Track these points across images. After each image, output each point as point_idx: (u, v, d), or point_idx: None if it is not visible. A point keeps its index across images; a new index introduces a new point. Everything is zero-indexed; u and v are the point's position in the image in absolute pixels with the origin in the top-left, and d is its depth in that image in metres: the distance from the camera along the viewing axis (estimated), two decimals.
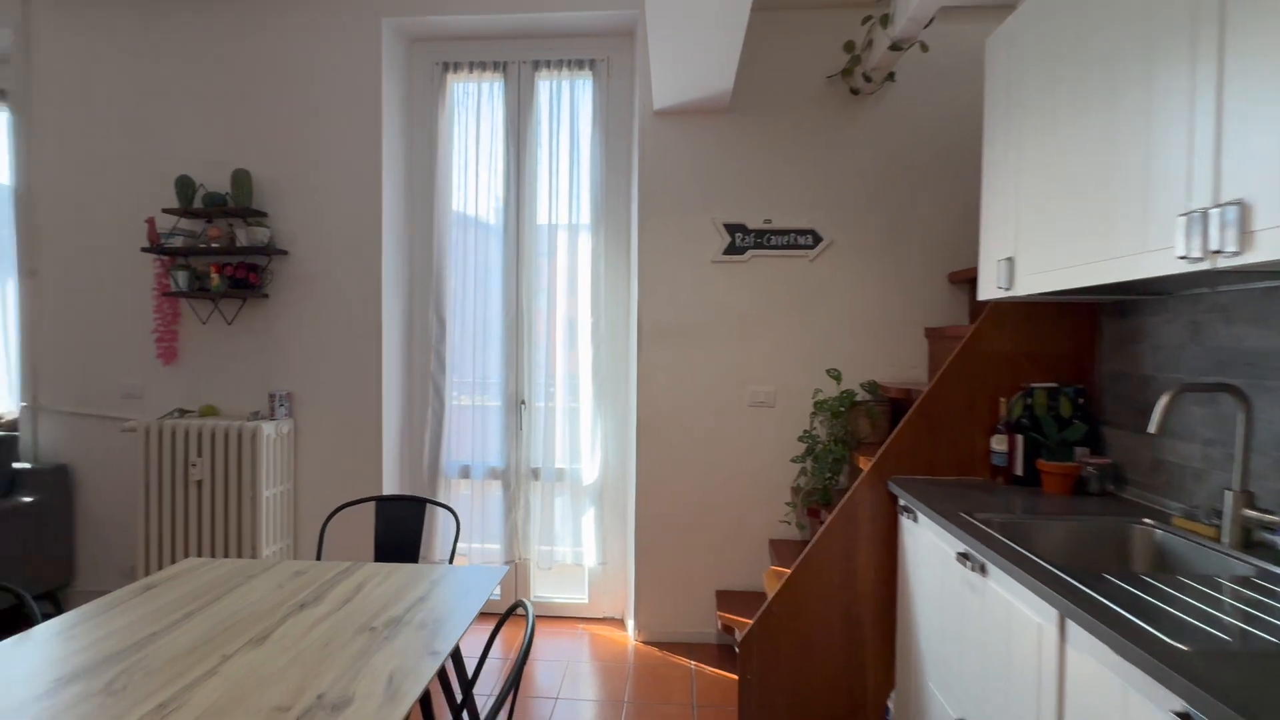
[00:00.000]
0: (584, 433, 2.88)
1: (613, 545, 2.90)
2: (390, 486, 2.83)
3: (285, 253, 2.74)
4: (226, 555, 2.61)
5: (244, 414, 2.79)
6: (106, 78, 2.80)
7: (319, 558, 1.90)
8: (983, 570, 1.36)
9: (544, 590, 3.00)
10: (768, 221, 2.60)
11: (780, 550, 2.48)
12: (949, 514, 1.53)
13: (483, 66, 2.86)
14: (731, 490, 2.63)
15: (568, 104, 2.86)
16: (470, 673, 1.49)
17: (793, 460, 2.52)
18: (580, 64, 2.83)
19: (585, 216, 2.87)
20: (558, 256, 2.88)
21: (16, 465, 2.81)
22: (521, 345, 2.88)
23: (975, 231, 2.38)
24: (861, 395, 2.51)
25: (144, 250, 2.67)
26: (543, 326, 2.90)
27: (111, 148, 2.81)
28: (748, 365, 2.62)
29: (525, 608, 1.26)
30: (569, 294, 2.89)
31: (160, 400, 2.84)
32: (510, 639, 2.74)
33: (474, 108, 2.89)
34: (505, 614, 1.39)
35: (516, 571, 2.95)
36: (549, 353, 2.90)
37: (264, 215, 2.73)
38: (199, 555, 2.63)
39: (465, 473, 2.94)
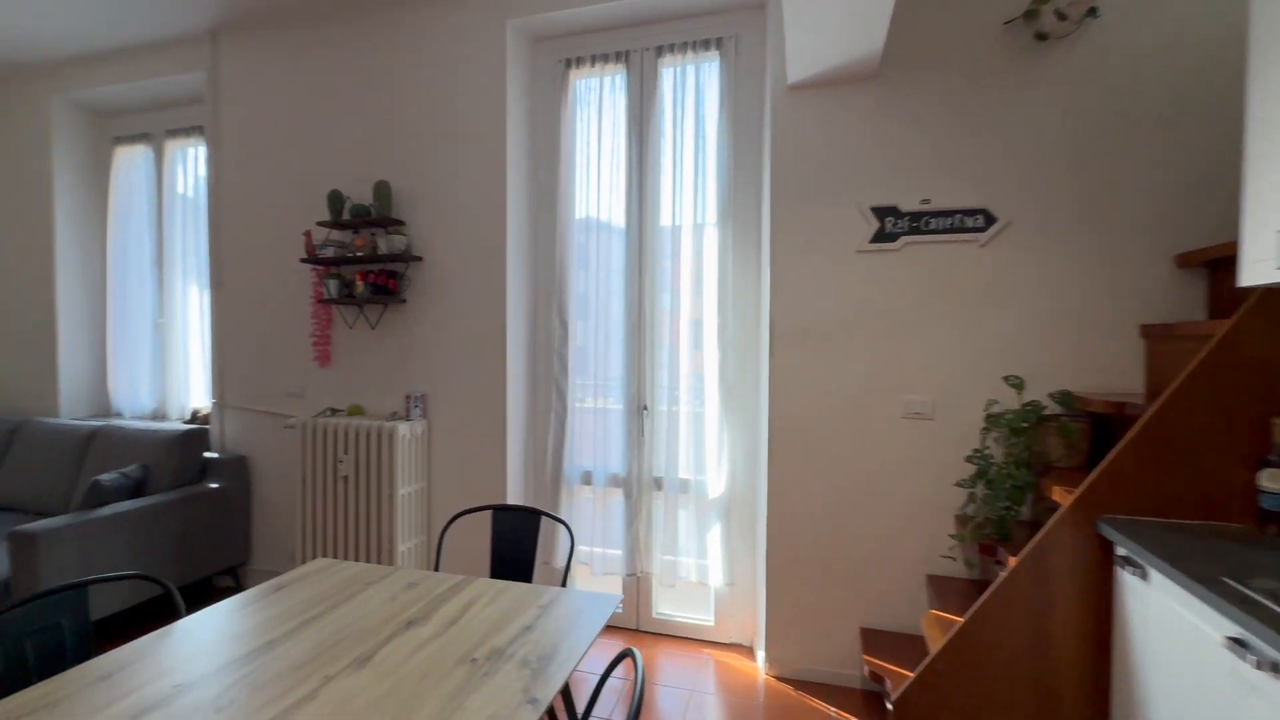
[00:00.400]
0: (709, 442, 2.67)
1: (741, 565, 2.66)
2: (514, 490, 2.82)
3: (420, 259, 2.83)
4: (367, 549, 2.75)
5: (385, 414, 2.93)
6: (273, 107, 3.08)
7: (437, 565, 1.88)
8: (1275, 670, 0.96)
9: (667, 607, 2.83)
10: (925, 202, 2.21)
11: (942, 589, 2.09)
12: (1206, 578, 1.12)
13: (605, 59, 2.76)
14: (879, 514, 2.28)
15: (692, 89, 2.67)
16: (581, 708, 1.35)
17: (958, 484, 2.11)
18: (706, 44, 2.63)
19: (711, 210, 2.66)
20: (682, 253, 2.70)
21: (207, 455, 3.19)
22: (644, 348, 2.74)
23: (1215, 200, 1.84)
24: (1051, 408, 2.04)
25: (302, 261, 2.89)
26: (666, 328, 2.73)
27: (278, 169, 3.09)
28: (901, 371, 2.25)
29: (635, 661, 1.08)
30: (694, 293, 2.70)
31: (318, 399, 3.07)
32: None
33: (595, 103, 2.80)
34: (613, 663, 1.22)
35: (638, 586, 2.81)
36: (672, 356, 2.72)
37: (402, 224, 2.84)
38: (345, 546, 2.78)
39: (587, 479, 2.85)
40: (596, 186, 2.80)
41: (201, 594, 3.15)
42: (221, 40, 3.17)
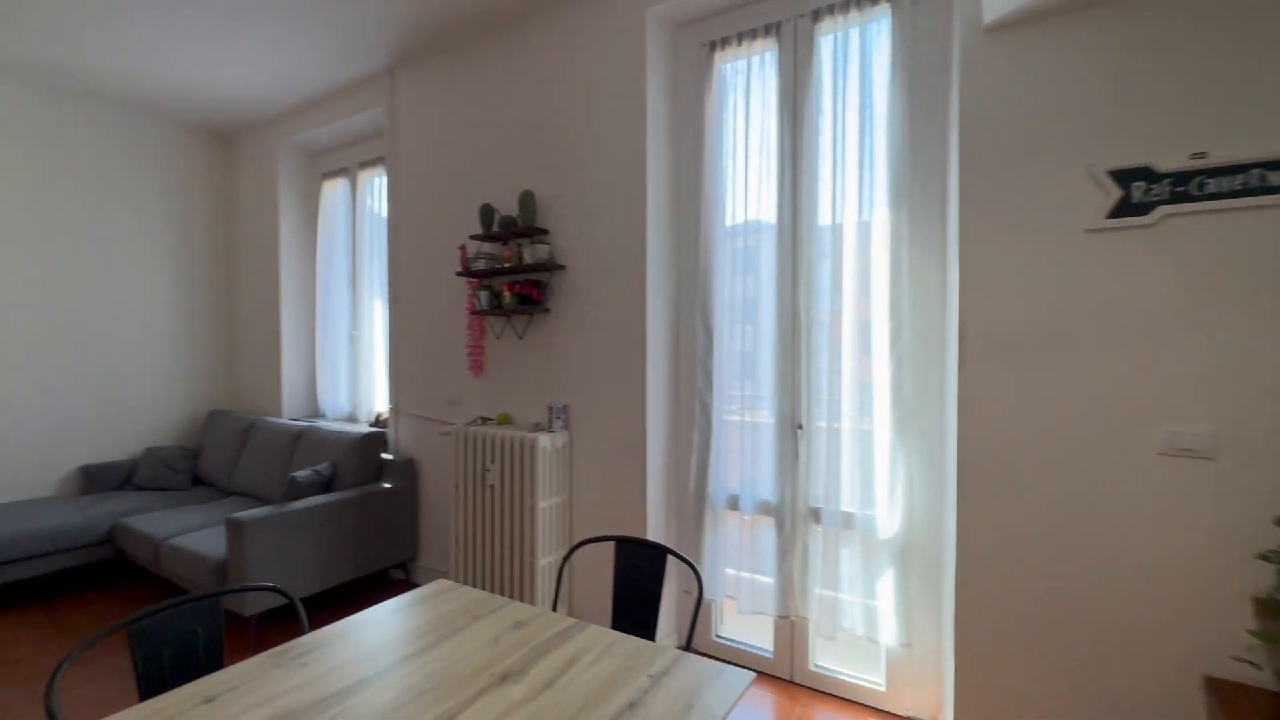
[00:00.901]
0: (879, 469, 2.23)
1: (921, 624, 2.18)
2: (654, 511, 2.63)
3: (563, 267, 2.78)
4: (510, 561, 2.74)
5: (530, 424, 2.92)
6: (435, 132, 3.26)
7: (556, 593, 1.73)
8: None
9: (827, 660, 2.43)
10: (1199, 156, 1.59)
11: (1233, 703, 1.47)
12: None
13: (752, 35, 2.47)
14: (1125, 584, 1.68)
15: (856, 56, 2.27)
16: None
17: (1262, 557, 1.47)
18: None
19: (881, 194, 2.23)
20: (844, 247, 2.30)
21: (384, 456, 3.46)
22: (799, 357, 2.39)
23: None
24: None
25: (457, 274, 2.99)
26: (826, 334, 2.35)
27: (440, 189, 3.26)
28: (1158, 391, 1.64)
29: None
30: (859, 293, 2.28)
31: (472, 407, 3.17)
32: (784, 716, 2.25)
33: (742, 87, 2.51)
34: None
35: (792, 630, 2.45)
36: (834, 365, 2.33)
37: (545, 232, 2.81)
38: (491, 555, 2.81)
39: (733, 503, 2.56)
40: (744, 180, 2.51)
41: (378, 584, 3.42)
42: (397, 75, 3.44)
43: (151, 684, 1.21)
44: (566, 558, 1.76)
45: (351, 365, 4.09)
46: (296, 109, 4.00)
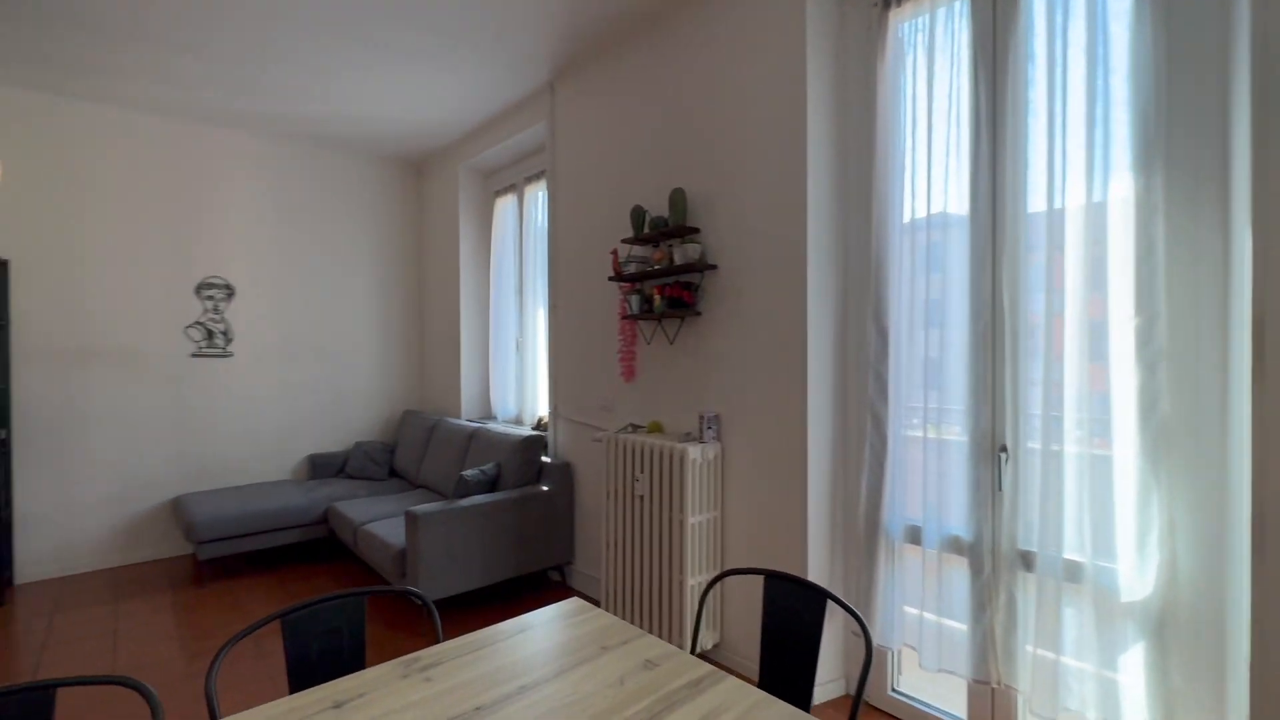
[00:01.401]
0: (1123, 509, 1.71)
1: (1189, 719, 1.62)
2: (816, 538, 2.32)
3: (714, 267, 2.60)
4: (658, 576, 2.61)
5: (681, 433, 2.77)
6: (590, 139, 3.28)
7: (696, 627, 1.54)
8: None
9: None
10: None
11: None
12: None
13: None
14: None
15: None
16: None
17: None
18: None
19: (1120, 158, 1.72)
20: (1066, 233, 1.82)
21: (544, 459, 3.55)
22: (1000, 366, 1.94)
23: None
24: None
25: (609, 279, 2.96)
26: (1040, 336, 1.88)
27: (594, 195, 3.27)
28: None
29: None
30: (1088, 288, 1.78)
31: (624, 414, 3.11)
32: None
33: (925, 46, 2.13)
34: None
35: (994, 700, 1.99)
36: (1050, 377, 1.85)
37: (696, 231, 2.66)
38: (639, 568, 2.70)
39: (914, 536, 2.16)
40: (926, 161, 2.12)
41: (536, 584, 3.51)
42: (556, 89, 3.53)
43: (300, 674, 1.26)
44: (709, 589, 1.57)
45: (518, 370, 4.30)
46: (472, 133, 4.32)
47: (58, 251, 3.68)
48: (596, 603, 3.22)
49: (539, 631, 1.37)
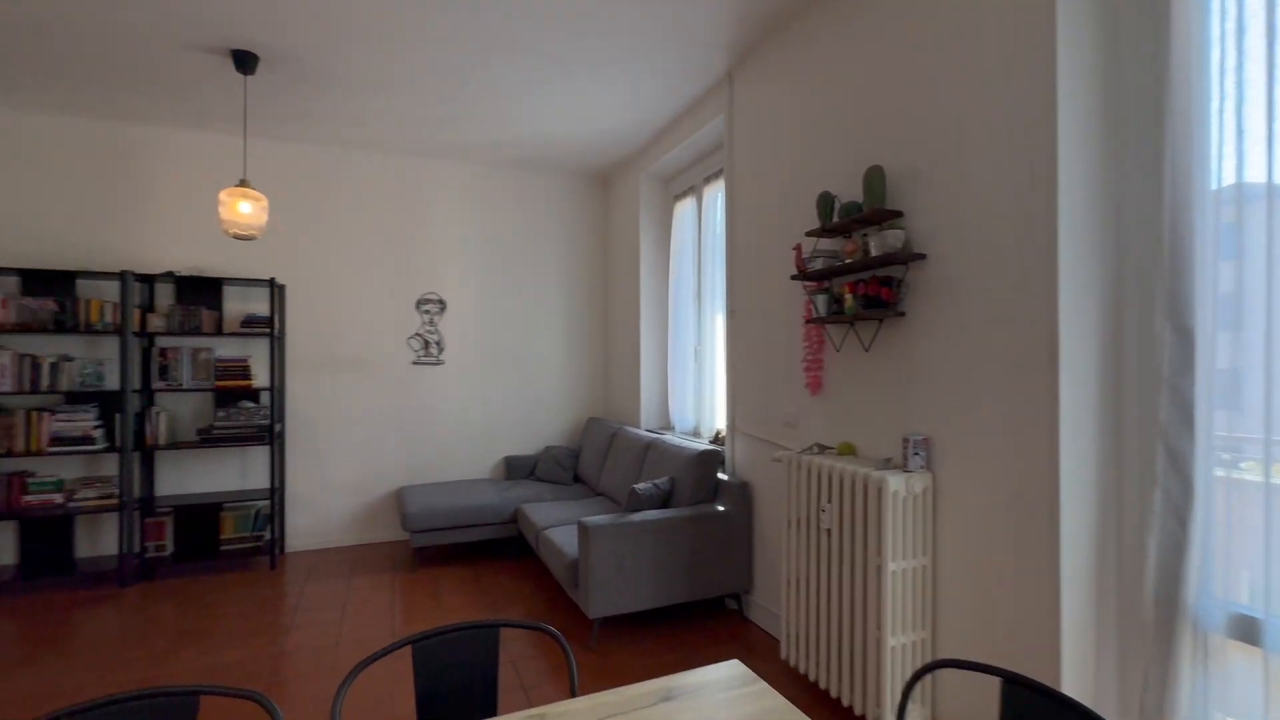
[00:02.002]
0: None
1: None
2: (1076, 616, 1.72)
3: (922, 256, 2.12)
4: (848, 629, 2.19)
5: (879, 459, 2.32)
6: (770, 127, 2.96)
7: (901, 715, 1.16)
8: None
9: None
10: None
11: None
12: None
13: None
14: None
15: None
16: None
17: None
18: None
19: None
20: None
21: (720, 476, 3.30)
22: None
23: None
24: None
25: (792, 278, 2.61)
26: None
27: (774, 186, 2.95)
28: None
29: None
30: None
31: (808, 431, 2.73)
32: None
33: None
34: None
35: None
36: None
37: (898, 215, 2.20)
38: (825, 615, 2.31)
39: (1243, 630, 1.48)
40: (1236, 112, 1.45)
41: (712, 610, 3.26)
42: (735, 79, 3.28)
43: (429, 704, 1.17)
44: (915, 680, 1.17)
45: (696, 380, 4.12)
46: (652, 139, 4.27)
47: (315, 275, 4.40)
48: (777, 642, 2.87)
49: (689, 702, 1.12)
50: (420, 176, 4.66)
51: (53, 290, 3.76)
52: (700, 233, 4.07)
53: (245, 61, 3.08)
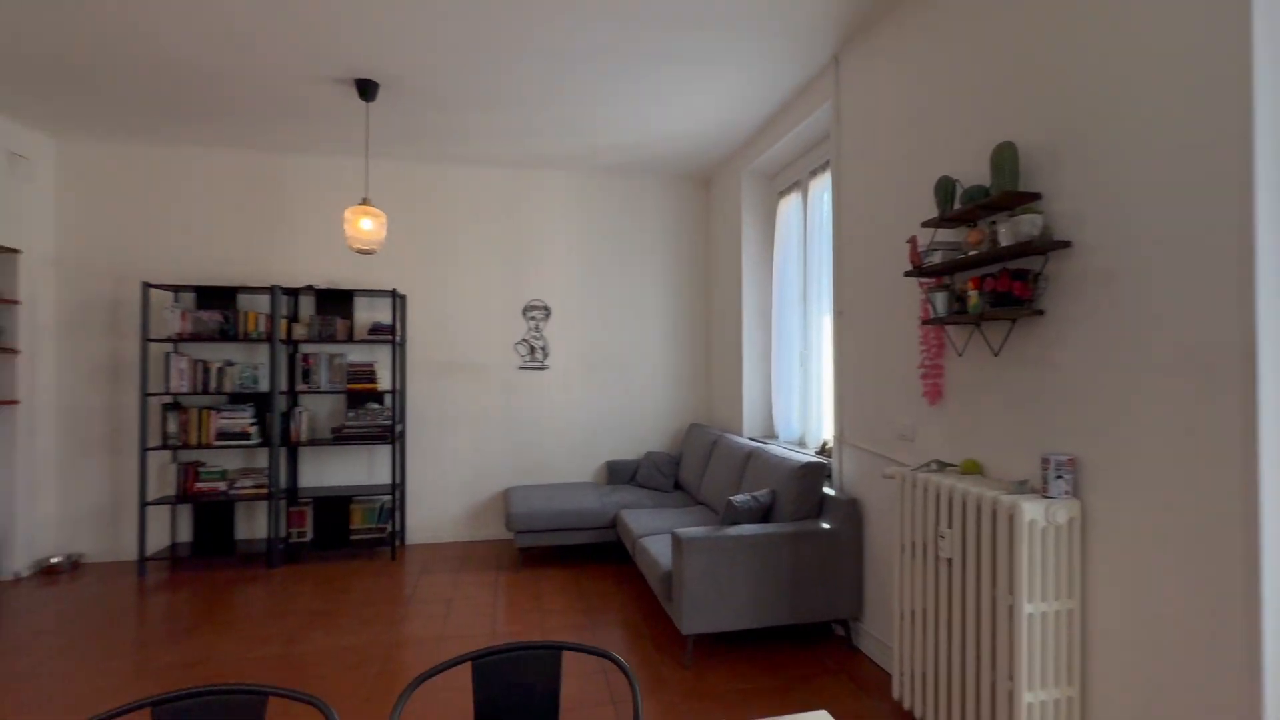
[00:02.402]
0: None
1: None
2: None
3: (1066, 244, 1.80)
4: (973, 677, 1.90)
5: (1011, 480, 2.01)
6: (882, 109, 2.70)
7: None
8: None
9: None
10: None
11: None
12: None
13: None
14: None
15: None
16: None
17: None
18: None
19: None
20: None
21: (826, 491, 3.06)
22: None
23: None
24: None
25: (906, 275, 2.35)
26: None
27: (886, 173, 2.68)
28: None
29: None
30: None
31: (926, 445, 2.44)
32: None
33: None
34: None
35: None
36: None
37: (1035, 197, 1.89)
38: (945, 657, 2.02)
39: None
40: None
41: (818, 636, 3.02)
42: (842, 62, 3.04)
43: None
44: None
45: (801, 385, 3.87)
46: (754, 134, 4.09)
47: (432, 285, 4.68)
48: (889, 678, 2.60)
49: None
50: (524, 187, 4.81)
51: (219, 304, 4.31)
52: (806, 230, 3.84)
53: (367, 89, 3.33)
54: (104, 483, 4.22)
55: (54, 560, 4.00)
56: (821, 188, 3.66)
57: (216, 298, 4.30)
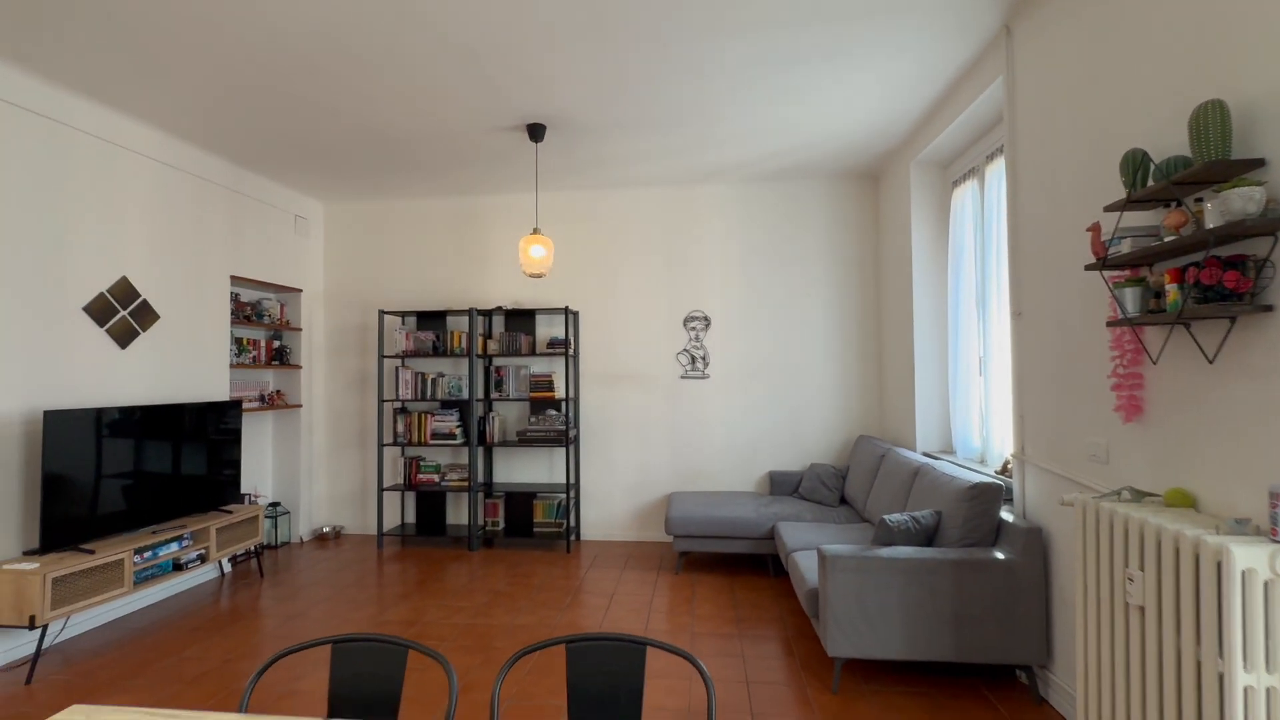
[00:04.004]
0: None
1: None
2: None
3: None
4: None
5: (1225, 515, 1.62)
6: (1060, 77, 2.33)
7: None
8: None
9: None
10: None
11: None
12: None
13: None
14: None
15: None
16: None
17: None
18: None
19: None
20: None
21: (1003, 516, 2.71)
22: None
23: None
24: None
25: (1086, 268, 2.01)
26: None
27: (1069, 159, 2.31)
28: None
29: None
30: None
31: (1122, 469, 2.05)
32: None
33: None
34: None
35: None
36: None
37: (1256, 164, 1.51)
38: (1141, 716, 1.69)
39: None
40: None
41: (996, 678, 2.68)
42: (1014, 31, 2.70)
43: (579, 707, 1.24)
44: None
45: (982, 396, 3.45)
46: (921, 121, 3.77)
47: (600, 301, 5.06)
48: None
49: None
50: (681, 202, 4.98)
51: (432, 325, 5.15)
52: (983, 221, 3.43)
53: (536, 132, 3.77)
54: (356, 471, 5.29)
55: (324, 530, 5.12)
56: (999, 173, 3.25)
57: (430, 320, 5.15)
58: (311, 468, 5.17)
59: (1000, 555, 2.55)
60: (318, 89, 3.24)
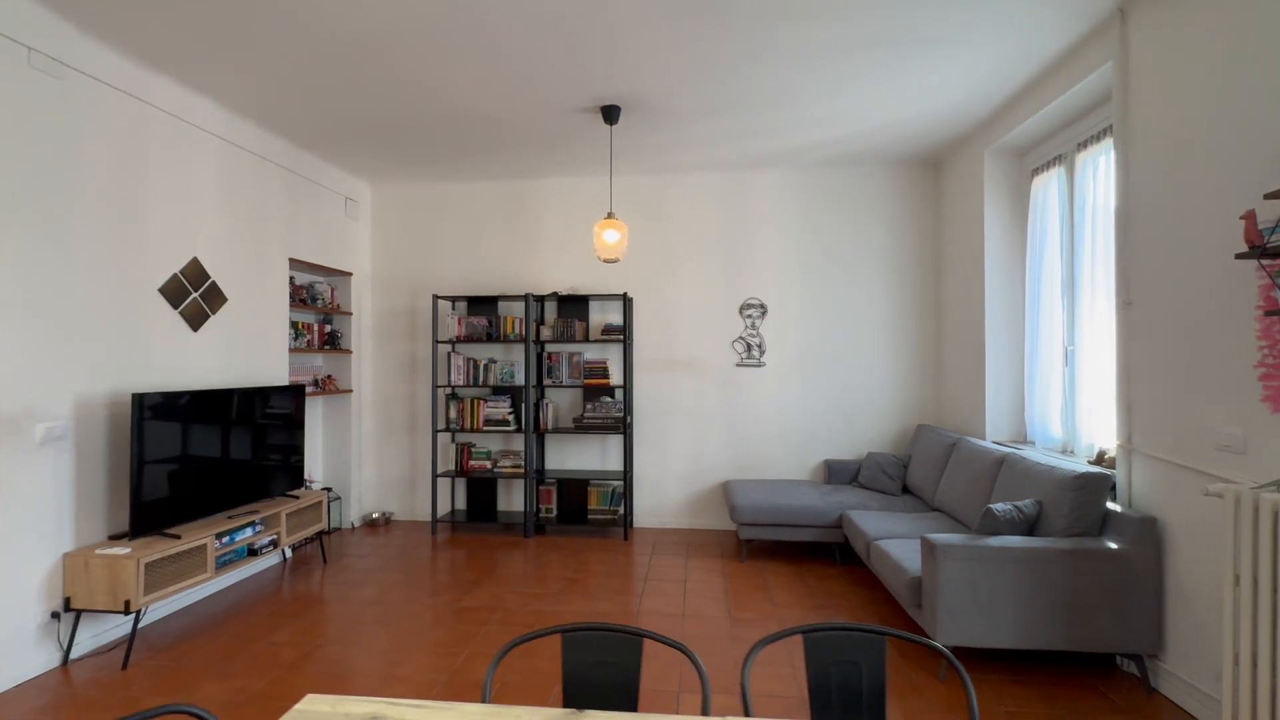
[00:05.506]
0: None
1: None
2: None
3: None
4: None
5: None
6: (1195, 61, 2.29)
7: None
8: None
9: None
10: None
11: None
12: None
13: None
14: None
15: None
16: None
17: None
18: None
19: None
20: None
21: (1110, 506, 2.70)
22: None
23: None
24: None
25: (1238, 257, 1.98)
26: None
27: (1203, 149, 2.27)
28: None
29: None
30: None
31: (1265, 460, 2.04)
32: None
33: None
34: None
35: None
36: None
37: None
38: None
39: None
40: None
41: (1101, 667, 2.68)
42: (1129, 15, 2.64)
43: (819, 697, 1.22)
44: None
45: (1068, 386, 3.44)
46: (999, 109, 3.71)
47: (656, 287, 5.01)
48: None
49: None
50: (741, 187, 4.93)
51: (485, 311, 5.09)
52: (1072, 210, 3.39)
53: (611, 113, 3.69)
54: (405, 456, 5.25)
55: (374, 516, 5.09)
56: (1093, 161, 3.21)
57: (483, 305, 5.09)
58: (360, 454, 5.13)
59: (1113, 545, 2.55)
60: (394, 68, 3.15)
